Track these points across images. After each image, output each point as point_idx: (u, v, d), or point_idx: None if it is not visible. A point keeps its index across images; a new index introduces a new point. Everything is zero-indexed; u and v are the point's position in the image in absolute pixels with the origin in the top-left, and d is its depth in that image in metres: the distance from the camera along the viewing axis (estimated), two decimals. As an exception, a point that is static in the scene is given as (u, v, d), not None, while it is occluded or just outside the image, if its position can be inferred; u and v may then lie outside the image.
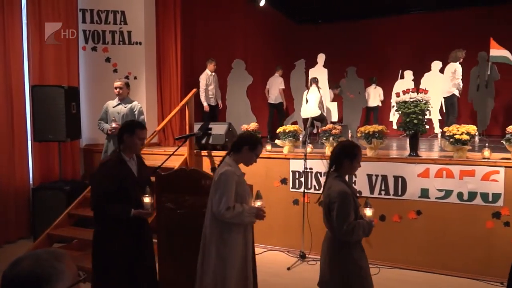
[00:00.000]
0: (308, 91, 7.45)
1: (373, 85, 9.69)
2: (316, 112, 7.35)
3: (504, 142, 4.23)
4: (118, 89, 4.90)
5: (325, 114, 7.61)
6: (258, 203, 2.78)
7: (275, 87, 8.04)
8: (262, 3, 9.01)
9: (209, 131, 5.69)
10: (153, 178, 3.84)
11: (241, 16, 8.97)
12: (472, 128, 4.34)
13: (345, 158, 2.60)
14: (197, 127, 5.71)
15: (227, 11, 8.45)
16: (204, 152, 5.65)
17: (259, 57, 9.59)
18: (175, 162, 5.34)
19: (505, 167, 4.09)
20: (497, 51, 7.14)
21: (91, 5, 6.41)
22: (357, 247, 2.57)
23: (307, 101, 7.40)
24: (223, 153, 5.52)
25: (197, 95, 5.73)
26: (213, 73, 7.19)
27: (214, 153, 5.60)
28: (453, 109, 7.30)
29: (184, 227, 3.40)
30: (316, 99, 7.27)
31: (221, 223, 2.69)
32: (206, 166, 5.60)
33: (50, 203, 5.22)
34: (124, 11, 6.47)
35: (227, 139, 5.57)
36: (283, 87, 8.18)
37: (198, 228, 2.86)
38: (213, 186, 2.74)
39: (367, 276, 2.57)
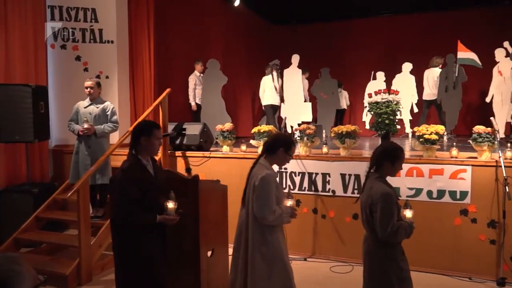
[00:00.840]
0: (266, 78, 7.80)
1: (340, 89, 10.05)
2: (274, 100, 7.61)
3: (471, 142, 4.38)
4: (89, 89, 4.78)
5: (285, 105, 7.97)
6: (289, 203, 2.78)
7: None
8: (236, 3, 8.99)
9: (184, 132, 5.63)
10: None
11: (216, 15, 8.93)
12: (441, 128, 4.47)
13: (386, 160, 2.63)
14: (171, 127, 5.64)
15: (201, 10, 8.39)
16: (178, 153, 5.59)
17: (234, 57, 9.57)
18: (148, 163, 5.25)
19: (472, 165, 4.23)
20: (464, 54, 7.39)
21: (60, 2, 6.22)
22: (398, 248, 2.58)
23: (264, 90, 7.78)
24: (198, 153, 5.53)
25: (170, 94, 5.65)
26: (201, 74, 7.38)
27: (188, 153, 5.54)
28: (440, 109, 7.89)
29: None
30: (272, 87, 7.66)
31: (262, 226, 2.71)
32: (181, 167, 5.54)
33: (17, 206, 5.03)
34: (95, 8, 6.32)
35: (201, 140, 5.53)
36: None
37: (172, 231, 2.82)
38: (253, 189, 2.73)
39: (407, 279, 2.57)
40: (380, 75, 9.26)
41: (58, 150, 6.19)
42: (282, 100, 8.04)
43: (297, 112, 8.21)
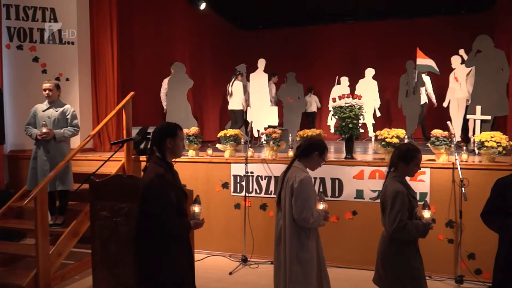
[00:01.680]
0: (231, 83, 7.94)
1: (309, 94, 10.38)
2: (238, 106, 7.71)
3: (429, 145, 4.55)
4: (47, 91, 4.58)
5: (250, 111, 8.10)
6: (321, 206, 2.83)
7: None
8: (202, 7, 8.95)
9: (148, 136, 5.51)
10: (86, 186, 3.66)
11: (182, 18, 8.84)
12: (401, 132, 4.62)
13: (400, 160, 2.69)
14: (135, 131, 5.52)
15: (167, 12, 8.28)
16: (142, 157, 5.47)
17: (201, 61, 9.50)
18: (111, 169, 5.12)
19: (431, 168, 4.40)
20: (423, 60, 7.68)
21: (17, 1, 5.95)
22: (411, 247, 2.63)
23: (231, 94, 7.93)
24: (162, 158, 5.41)
25: (135, 97, 5.53)
26: None
27: (153, 158, 5.43)
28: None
29: (121, 236, 3.26)
30: (238, 92, 7.82)
31: (298, 229, 2.76)
32: (145, 172, 5.42)
33: (-31, 215, 4.75)
34: (54, 8, 6.09)
35: (167, 144, 5.43)
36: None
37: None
38: (291, 192, 2.75)
39: (420, 277, 2.62)
40: (344, 80, 9.48)
41: (14, 156, 5.90)
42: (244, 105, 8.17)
43: (263, 116, 8.25)
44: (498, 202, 2.65)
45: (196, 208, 2.64)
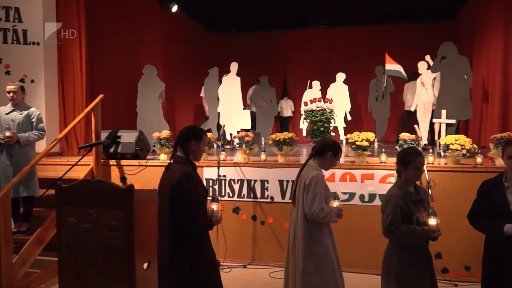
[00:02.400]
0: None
1: (285, 98, 10.49)
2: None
3: (397, 148, 4.67)
4: (11, 93, 4.42)
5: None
6: (336, 203, 2.93)
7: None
8: (174, 9, 8.87)
9: (118, 139, 5.40)
10: (52, 191, 3.53)
11: (153, 20, 8.72)
12: (371, 135, 4.72)
13: (400, 165, 2.76)
14: (104, 135, 5.38)
15: (138, 14, 8.15)
16: (112, 162, 5.35)
17: (172, 64, 9.40)
18: (80, 173, 4.98)
19: (399, 170, 4.51)
20: (391, 66, 7.90)
21: (-22, -1, 5.73)
22: (409, 252, 2.65)
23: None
24: (134, 162, 5.32)
25: (104, 100, 5.40)
26: None
27: (123, 162, 5.32)
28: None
29: (89, 243, 3.16)
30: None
31: (310, 224, 2.89)
32: (115, 176, 5.30)
33: None
34: (18, 7, 5.89)
35: (137, 148, 5.34)
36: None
37: (105, 243, 2.69)
38: (304, 189, 2.90)
39: (422, 279, 2.64)
40: (316, 84, 9.60)
41: (-25, 160, 5.64)
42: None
43: (235, 119, 8.24)
44: (484, 203, 2.71)
45: (214, 206, 2.77)
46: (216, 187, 4.95)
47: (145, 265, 3.25)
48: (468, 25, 9.31)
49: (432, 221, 2.58)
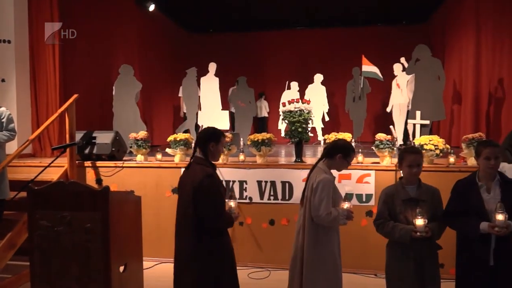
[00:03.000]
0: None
1: (260, 99, 10.58)
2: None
3: (374, 148, 4.75)
4: (-20, 93, 4.26)
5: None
6: (346, 205, 2.89)
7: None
8: (151, 8, 8.77)
9: (93, 140, 5.29)
10: (24, 194, 3.43)
11: (129, 19, 8.58)
12: (348, 136, 4.78)
13: (398, 164, 2.87)
14: (79, 136, 5.26)
15: (114, 13, 8.00)
16: (87, 163, 5.24)
17: (150, 64, 9.28)
18: (53, 175, 4.86)
19: (375, 170, 4.59)
20: (368, 67, 8.05)
21: None
22: (396, 249, 2.79)
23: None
24: (110, 163, 5.23)
25: (79, 100, 5.28)
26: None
27: (99, 163, 5.22)
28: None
29: (63, 246, 3.08)
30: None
31: (317, 227, 2.89)
32: (91, 178, 5.19)
33: None
34: (-13, 3, 5.69)
35: (113, 148, 5.24)
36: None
37: (79, 247, 2.62)
38: (311, 191, 2.92)
39: (404, 278, 2.72)
40: (294, 85, 9.67)
41: None
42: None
43: (214, 120, 8.21)
44: (458, 203, 2.76)
45: (232, 203, 2.87)
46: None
47: (122, 268, 3.19)
48: (440, 28, 9.58)
49: (419, 222, 2.64)
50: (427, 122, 6.66)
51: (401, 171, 2.99)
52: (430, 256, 2.78)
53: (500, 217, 2.51)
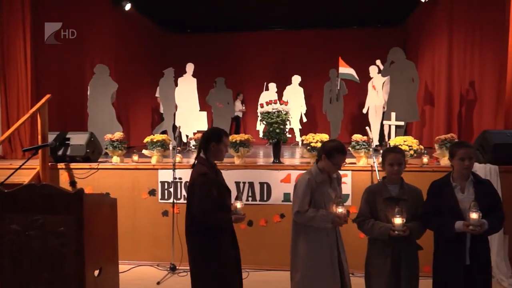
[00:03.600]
0: None
1: (238, 99, 10.60)
2: None
3: (350, 149, 4.81)
4: None
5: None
6: (340, 210, 2.85)
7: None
8: (127, 7, 8.63)
9: (67, 142, 5.16)
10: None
11: (105, 18, 8.40)
12: (325, 137, 4.83)
13: (382, 164, 2.94)
14: (52, 137, 5.12)
15: (89, 11, 7.82)
16: (61, 165, 5.10)
17: (126, 63, 9.11)
18: (25, 177, 4.72)
19: (352, 170, 4.66)
20: (344, 69, 8.15)
21: None
22: (376, 245, 2.87)
23: None
24: (84, 165, 5.11)
25: (52, 101, 5.15)
26: None
27: (73, 165, 5.09)
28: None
29: (35, 251, 2.99)
30: None
31: (298, 226, 2.97)
32: (64, 180, 5.07)
33: None
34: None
35: (88, 150, 5.13)
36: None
37: (52, 251, 2.55)
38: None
39: (380, 275, 2.78)
40: (272, 86, 9.71)
41: None
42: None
43: (192, 121, 8.16)
44: (435, 203, 2.81)
45: (238, 204, 2.90)
46: (171, 190, 4.86)
47: (96, 272, 3.13)
48: (414, 31, 9.81)
49: (397, 221, 2.69)
50: (402, 123, 6.80)
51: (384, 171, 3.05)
52: (409, 256, 2.83)
53: (474, 215, 2.57)
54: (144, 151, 5.17)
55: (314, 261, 2.92)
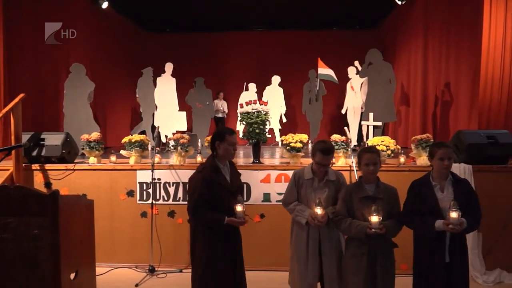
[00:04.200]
0: None
1: (218, 98, 10.48)
2: None
3: (329, 149, 4.86)
4: None
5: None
6: (317, 210, 2.95)
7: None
8: (104, 6, 8.47)
9: (42, 142, 5.03)
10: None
11: (81, 16, 8.22)
12: (304, 137, 4.87)
13: (358, 164, 3.00)
14: (26, 137, 4.98)
15: (65, 9, 7.64)
16: (35, 166, 4.97)
17: (104, 63, 8.95)
18: (-3, 179, 4.57)
19: (331, 170, 4.70)
20: (323, 70, 8.24)
21: None
22: (353, 244, 2.91)
23: None
24: (60, 166, 4.99)
25: (26, 100, 5.00)
26: None
27: (48, 166, 4.97)
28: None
29: (9, 254, 2.91)
30: None
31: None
32: (39, 182, 4.94)
33: None
34: None
35: (64, 150, 5.01)
36: None
37: (26, 255, 2.48)
38: None
39: (356, 273, 2.83)
40: (252, 87, 9.73)
41: None
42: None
43: (171, 121, 8.08)
44: (414, 203, 2.86)
45: (238, 207, 2.89)
46: (150, 190, 4.80)
47: (73, 276, 3.06)
48: (391, 33, 10.00)
49: (374, 219, 2.73)
50: (380, 123, 6.93)
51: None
52: (385, 254, 2.87)
53: (453, 214, 2.62)
54: (122, 152, 5.09)
55: (297, 253, 3.18)
